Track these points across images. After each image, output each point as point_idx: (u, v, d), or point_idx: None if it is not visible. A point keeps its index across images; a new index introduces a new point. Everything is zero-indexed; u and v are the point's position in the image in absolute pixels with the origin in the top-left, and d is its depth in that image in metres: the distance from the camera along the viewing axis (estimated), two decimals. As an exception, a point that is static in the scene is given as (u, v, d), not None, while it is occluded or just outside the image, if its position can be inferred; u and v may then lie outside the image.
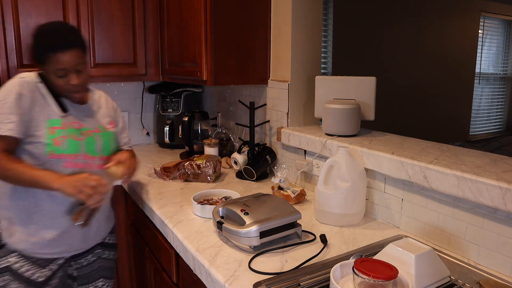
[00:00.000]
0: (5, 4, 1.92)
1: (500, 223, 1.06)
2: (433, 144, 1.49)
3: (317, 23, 1.87)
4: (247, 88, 2.15)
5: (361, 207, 1.39)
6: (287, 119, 1.86)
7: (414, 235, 1.31)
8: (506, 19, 5.34)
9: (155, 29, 2.30)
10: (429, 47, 4.46)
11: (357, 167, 1.36)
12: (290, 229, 1.24)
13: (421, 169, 1.21)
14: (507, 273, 1.06)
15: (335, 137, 1.60)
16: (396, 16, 4.09)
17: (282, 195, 1.58)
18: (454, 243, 1.19)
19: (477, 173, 1.09)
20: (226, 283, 1.02)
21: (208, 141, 2.11)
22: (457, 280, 1.08)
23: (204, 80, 1.85)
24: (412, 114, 4.47)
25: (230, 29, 1.83)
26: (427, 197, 1.26)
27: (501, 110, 5.71)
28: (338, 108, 1.59)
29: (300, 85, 1.86)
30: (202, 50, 1.81)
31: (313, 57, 1.89)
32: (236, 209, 1.22)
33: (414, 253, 0.98)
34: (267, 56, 1.95)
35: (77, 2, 2.07)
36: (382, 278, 0.85)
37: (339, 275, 0.96)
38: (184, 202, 1.59)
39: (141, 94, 2.66)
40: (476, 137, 5.31)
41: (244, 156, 1.97)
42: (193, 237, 1.28)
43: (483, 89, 5.37)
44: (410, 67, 4.33)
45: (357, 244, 1.24)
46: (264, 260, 1.13)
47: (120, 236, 2.08)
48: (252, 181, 1.88)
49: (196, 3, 1.83)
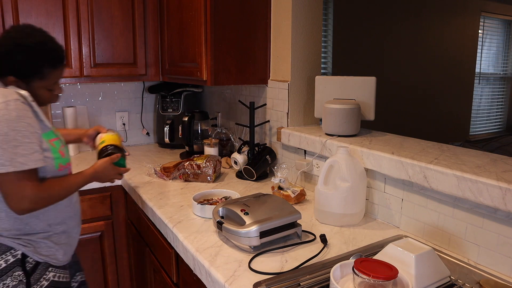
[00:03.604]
0: (5, 4, 1.92)
1: (500, 223, 1.06)
2: (433, 144, 1.49)
3: (317, 23, 1.88)
4: (247, 88, 2.15)
5: (361, 207, 1.39)
6: (287, 119, 1.86)
7: (414, 235, 1.31)
8: (506, 19, 5.34)
9: (155, 29, 2.30)
10: (429, 47, 4.46)
11: (357, 167, 1.36)
12: (290, 229, 1.24)
13: (421, 169, 1.21)
14: (507, 273, 1.06)
15: (335, 137, 1.60)
16: (396, 16, 4.09)
17: (282, 195, 1.58)
18: (454, 243, 1.19)
19: (477, 173, 1.09)
20: (226, 283, 1.02)
21: (208, 141, 2.11)
22: (457, 280, 1.08)
23: (204, 80, 1.85)
24: (412, 114, 4.47)
25: (230, 29, 1.83)
26: (427, 197, 1.26)
27: (501, 110, 5.71)
28: (338, 108, 1.59)
29: (300, 85, 1.86)
30: (202, 50, 1.81)
31: (313, 57, 1.89)
32: (236, 209, 1.22)
33: (414, 253, 0.98)
34: (267, 56, 1.95)
35: (77, 2, 2.07)
36: (382, 278, 0.85)
37: (339, 275, 0.96)
38: (184, 202, 1.59)
39: (141, 94, 2.67)
40: (476, 137, 5.31)
41: (244, 156, 1.97)
42: (193, 237, 1.28)
43: (483, 89, 5.37)
44: (410, 67, 4.33)
45: (357, 244, 1.24)
46: (264, 260, 1.13)
47: (120, 236, 2.09)
48: (252, 181, 1.88)
49: (196, 3, 1.83)
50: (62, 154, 1.31)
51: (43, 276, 1.28)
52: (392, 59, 4.15)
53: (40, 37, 1.24)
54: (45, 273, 1.29)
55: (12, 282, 1.22)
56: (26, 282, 1.24)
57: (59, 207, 1.33)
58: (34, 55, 1.22)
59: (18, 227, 1.26)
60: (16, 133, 1.15)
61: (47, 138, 1.27)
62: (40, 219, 1.28)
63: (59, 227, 1.33)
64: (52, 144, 1.28)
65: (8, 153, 1.13)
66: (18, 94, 1.20)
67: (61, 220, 1.34)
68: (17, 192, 1.16)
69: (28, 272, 1.25)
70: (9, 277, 1.22)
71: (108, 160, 1.41)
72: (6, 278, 1.22)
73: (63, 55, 1.30)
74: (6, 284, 1.22)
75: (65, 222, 1.35)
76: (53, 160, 1.27)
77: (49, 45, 1.25)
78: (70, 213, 1.38)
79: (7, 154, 1.13)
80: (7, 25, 1.93)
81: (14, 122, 1.15)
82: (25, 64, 1.22)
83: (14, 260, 1.24)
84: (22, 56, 1.21)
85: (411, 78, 4.37)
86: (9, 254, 1.24)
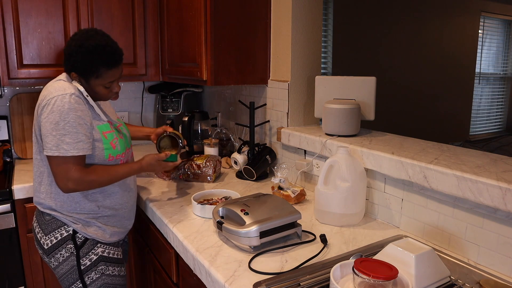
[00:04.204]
0: (5, 4, 1.92)
1: (500, 223, 1.06)
2: (433, 144, 1.49)
3: (317, 23, 1.88)
4: (247, 88, 2.15)
5: (361, 207, 1.39)
6: (287, 119, 1.86)
7: (414, 235, 1.31)
8: (506, 19, 5.34)
9: (155, 29, 2.30)
10: (429, 47, 4.46)
11: (357, 167, 1.36)
12: (290, 229, 1.24)
13: (421, 169, 1.21)
14: (507, 273, 1.06)
15: (335, 137, 1.60)
16: (396, 16, 4.09)
17: (282, 195, 1.58)
18: (454, 243, 1.19)
19: (477, 173, 1.09)
20: (226, 283, 1.02)
21: (208, 141, 2.11)
22: (457, 280, 1.08)
23: (204, 80, 1.85)
24: (412, 114, 4.47)
25: (230, 29, 1.83)
26: (427, 197, 1.26)
27: (501, 110, 5.71)
28: (338, 108, 1.59)
29: (300, 85, 1.86)
30: (202, 50, 1.81)
31: (313, 57, 1.89)
32: (236, 209, 1.23)
33: (414, 253, 0.98)
34: (267, 56, 1.95)
35: (77, 2, 2.07)
36: (382, 278, 0.85)
37: (339, 275, 0.96)
38: (184, 202, 1.59)
39: (141, 94, 2.67)
40: (476, 137, 5.31)
41: (244, 156, 1.97)
42: (193, 237, 1.28)
43: (483, 89, 5.37)
44: (410, 67, 4.33)
45: (357, 244, 1.24)
46: (264, 260, 1.13)
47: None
48: (252, 181, 1.88)
49: (196, 3, 1.83)
50: (113, 146, 1.44)
51: (92, 250, 1.44)
52: (392, 59, 4.15)
53: (100, 40, 1.38)
54: (93, 248, 1.45)
55: (66, 253, 1.43)
56: (76, 254, 1.43)
57: (107, 192, 1.46)
58: (92, 56, 1.36)
59: (70, 204, 1.42)
60: (65, 123, 1.31)
61: (101, 130, 1.41)
62: (89, 199, 1.43)
63: (108, 211, 1.47)
64: (105, 136, 1.42)
65: (56, 140, 1.30)
66: (76, 89, 1.37)
67: (109, 204, 1.47)
68: (63, 173, 1.33)
69: (78, 246, 1.43)
70: (64, 249, 1.42)
71: (155, 157, 1.52)
72: (62, 249, 1.42)
73: (119, 58, 1.42)
74: (62, 255, 1.43)
75: (114, 207, 1.48)
76: (103, 150, 1.41)
77: (107, 49, 1.38)
78: (121, 200, 1.50)
79: (55, 140, 1.30)
80: (7, 25, 1.93)
81: (65, 114, 1.31)
82: (84, 64, 1.37)
83: (67, 234, 1.43)
84: (81, 56, 1.36)
85: (411, 78, 4.37)
86: (63, 229, 1.43)
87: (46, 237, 1.43)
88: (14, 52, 1.97)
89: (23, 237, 1.88)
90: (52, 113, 1.31)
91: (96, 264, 1.45)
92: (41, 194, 1.44)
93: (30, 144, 2.32)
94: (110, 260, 1.49)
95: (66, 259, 1.42)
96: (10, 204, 1.82)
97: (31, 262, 1.90)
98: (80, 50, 1.36)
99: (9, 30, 1.94)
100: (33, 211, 1.87)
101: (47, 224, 1.43)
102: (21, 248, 1.88)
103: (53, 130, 1.31)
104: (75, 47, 1.37)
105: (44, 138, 1.32)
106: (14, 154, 2.33)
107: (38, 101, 1.38)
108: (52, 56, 2.05)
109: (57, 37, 2.05)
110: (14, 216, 1.84)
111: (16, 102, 2.28)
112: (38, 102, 1.38)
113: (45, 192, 1.43)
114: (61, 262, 1.43)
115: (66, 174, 1.32)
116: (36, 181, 1.45)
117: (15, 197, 1.83)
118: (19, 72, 1.99)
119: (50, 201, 1.42)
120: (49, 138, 1.31)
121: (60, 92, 1.33)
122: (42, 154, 1.40)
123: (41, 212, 1.46)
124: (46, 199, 1.43)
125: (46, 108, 1.32)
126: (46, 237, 1.43)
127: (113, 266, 1.49)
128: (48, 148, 1.31)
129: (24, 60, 2.00)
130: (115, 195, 1.48)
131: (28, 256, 1.90)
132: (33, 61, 2.02)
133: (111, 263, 1.49)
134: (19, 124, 2.30)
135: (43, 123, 1.32)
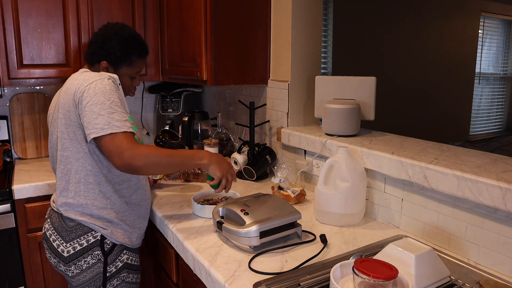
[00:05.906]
0: (5, 4, 1.92)
1: (500, 223, 1.06)
2: (433, 144, 1.49)
3: (317, 23, 1.88)
4: (247, 88, 2.15)
5: (361, 207, 1.39)
6: (287, 119, 1.86)
7: (414, 235, 1.31)
8: (506, 19, 5.34)
9: (155, 29, 2.30)
10: (429, 47, 4.46)
11: (357, 167, 1.36)
12: (290, 229, 1.24)
13: (421, 169, 1.21)
14: (507, 273, 1.06)
15: (335, 137, 1.60)
16: (396, 16, 4.09)
17: (282, 195, 1.58)
18: (454, 243, 1.19)
19: (477, 173, 1.09)
20: (226, 283, 1.02)
21: (208, 141, 2.11)
22: (457, 280, 1.08)
23: (204, 80, 1.85)
24: (412, 114, 4.47)
25: (230, 29, 1.83)
26: (427, 197, 1.26)
27: (501, 110, 5.71)
28: (338, 108, 1.59)
29: (300, 85, 1.86)
30: (202, 50, 1.81)
31: (313, 57, 1.89)
32: (236, 209, 1.22)
33: (414, 253, 0.98)
34: (267, 56, 1.95)
35: (77, 2, 2.07)
36: (382, 278, 0.85)
37: (339, 275, 0.96)
38: (184, 202, 1.59)
39: (141, 94, 2.67)
40: (476, 137, 5.31)
41: (244, 156, 1.97)
42: (193, 237, 1.28)
43: (483, 89, 5.37)
44: (410, 67, 4.33)
45: (357, 244, 1.24)
46: (264, 260, 1.13)
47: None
48: (252, 181, 1.88)
49: (196, 3, 1.83)
50: (138, 138, 1.45)
51: (118, 257, 1.41)
52: (392, 59, 4.15)
53: (131, 30, 1.49)
54: (120, 254, 1.42)
55: (92, 260, 1.37)
56: (104, 261, 1.38)
57: (133, 187, 1.44)
58: (127, 43, 1.45)
59: (101, 200, 1.37)
60: (111, 102, 1.28)
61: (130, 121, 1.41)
62: (118, 194, 1.39)
63: (134, 208, 1.45)
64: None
65: (106, 118, 1.26)
66: (110, 75, 1.38)
67: (135, 199, 1.45)
68: (116, 147, 1.24)
69: (106, 253, 1.39)
70: (90, 255, 1.37)
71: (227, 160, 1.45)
72: (87, 256, 1.36)
73: (148, 49, 1.53)
74: (87, 261, 1.36)
75: (139, 203, 1.46)
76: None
77: (138, 38, 1.49)
78: (144, 195, 1.49)
79: (105, 119, 1.26)
80: (7, 25, 1.93)
81: (109, 94, 1.29)
82: (119, 51, 1.44)
83: (94, 240, 1.37)
84: (117, 43, 1.43)
85: (411, 78, 4.37)
86: (90, 235, 1.37)
87: (67, 244, 1.35)
88: (14, 52, 1.97)
89: (23, 237, 1.88)
90: (95, 95, 1.27)
91: (120, 271, 1.41)
92: (69, 193, 1.36)
93: (30, 144, 2.33)
94: (132, 267, 1.46)
95: (91, 266, 1.36)
96: (10, 204, 1.83)
97: (31, 262, 1.91)
98: (116, 38, 1.42)
99: (9, 30, 1.94)
100: (33, 211, 1.87)
101: (70, 231, 1.36)
102: (21, 248, 1.88)
103: (101, 110, 1.26)
104: (110, 35, 1.43)
105: (92, 121, 1.25)
106: (14, 154, 2.33)
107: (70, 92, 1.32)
108: (52, 56, 2.05)
109: (57, 37, 2.05)
110: (14, 216, 1.85)
111: (16, 102, 2.28)
112: (72, 92, 1.31)
113: (74, 190, 1.35)
114: (84, 270, 1.36)
115: (120, 147, 1.23)
116: (63, 180, 1.37)
117: (15, 197, 1.84)
118: (19, 72, 1.99)
119: (80, 199, 1.35)
120: (99, 119, 1.24)
121: (97, 77, 1.31)
122: (69, 150, 1.33)
123: (63, 218, 1.37)
124: (75, 198, 1.35)
125: (86, 92, 1.28)
126: (67, 244, 1.35)
127: (133, 274, 1.47)
128: (100, 128, 1.24)
129: (24, 60, 2.00)
130: (140, 190, 1.45)
131: (28, 256, 1.90)
132: (33, 61, 2.02)
133: (132, 270, 1.46)
134: (19, 124, 2.30)
135: (87, 107, 1.26)
